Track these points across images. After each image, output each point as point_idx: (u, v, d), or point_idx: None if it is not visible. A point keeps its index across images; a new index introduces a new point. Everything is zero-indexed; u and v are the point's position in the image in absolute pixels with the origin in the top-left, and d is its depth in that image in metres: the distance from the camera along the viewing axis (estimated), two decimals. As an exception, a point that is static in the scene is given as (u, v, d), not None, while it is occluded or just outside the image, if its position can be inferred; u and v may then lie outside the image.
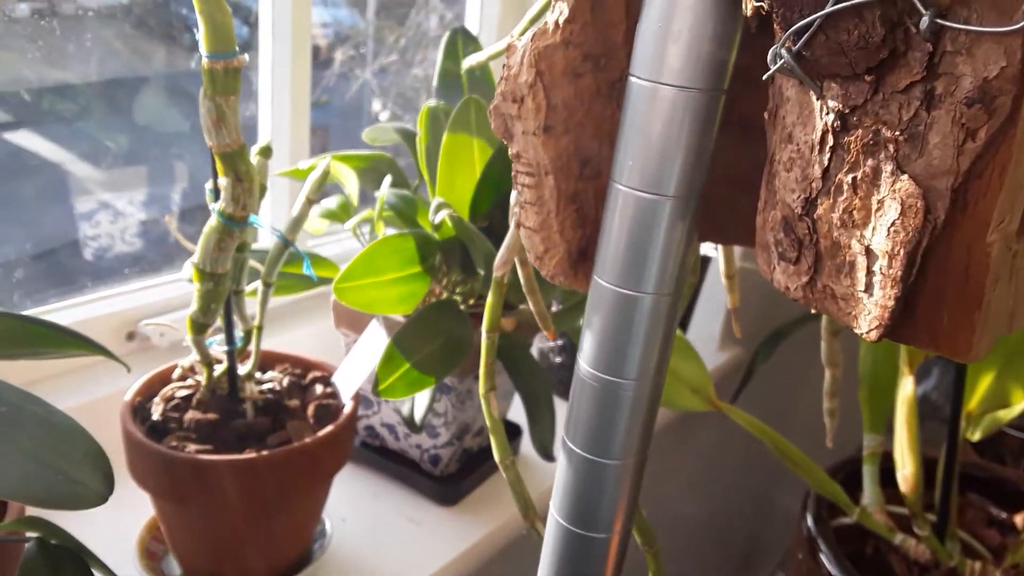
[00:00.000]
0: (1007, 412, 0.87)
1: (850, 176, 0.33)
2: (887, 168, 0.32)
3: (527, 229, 0.43)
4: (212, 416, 0.72)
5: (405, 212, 0.81)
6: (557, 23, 0.39)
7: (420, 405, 0.80)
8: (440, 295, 0.84)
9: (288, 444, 0.70)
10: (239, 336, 0.73)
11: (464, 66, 0.84)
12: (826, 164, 0.34)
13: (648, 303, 0.39)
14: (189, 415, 0.71)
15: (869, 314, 0.34)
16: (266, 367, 0.81)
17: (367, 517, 0.86)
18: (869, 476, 0.91)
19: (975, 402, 0.88)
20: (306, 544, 0.78)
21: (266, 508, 0.70)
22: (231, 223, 0.62)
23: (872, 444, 0.91)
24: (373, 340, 0.80)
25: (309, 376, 0.81)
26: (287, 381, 0.79)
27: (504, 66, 0.42)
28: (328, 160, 0.73)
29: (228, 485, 0.67)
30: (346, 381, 0.78)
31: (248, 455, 0.67)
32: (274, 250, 0.72)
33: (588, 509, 0.43)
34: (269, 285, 0.73)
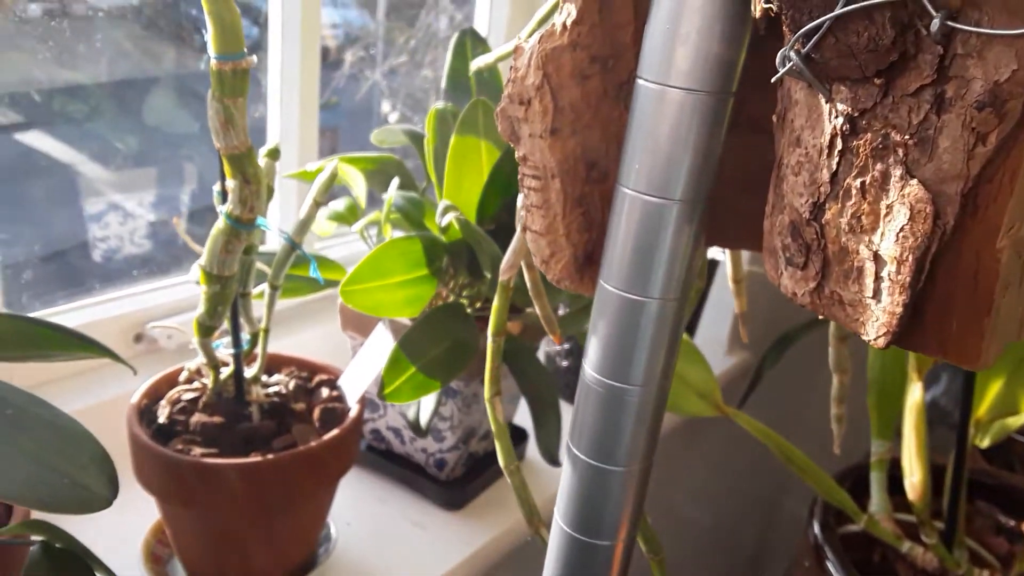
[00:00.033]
0: (1016, 419, 0.86)
1: (859, 180, 0.33)
2: (896, 172, 0.32)
3: (533, 232, 0.43)
4: (218, 419, 0.72)
5: (412, 215, 0.81)
6: (565, 25, 0.39)
7: (426, 409, 0.80)
8: (447, 298, 0.84)
9: (293, 448, 0.70)
10: (246, 339, 0.73)
11: (472, 68, 0.84)
12: (835, 168, 0.33)
13: (654, 308, 0.39)
14: (195, 418, 0.71)
15: (877, 320, 0.33)
16: (272, 370, 0.81)
17: (372, 521, 0.86)
18: (877, 483, 0.90)
19: (984, 408, 0.87)
20: (311, 548, 0.78)
21: (271, 512, 0.70)
22: (238, 225, 0.62)
23: (880, 450, 0.91)
24: (379, 343, 0.80)
25: (315, 379, 0.81)
26: (293, 384, 0.79)
27: (511, 68, 0.41)
28: (335, 162, 0.73)
29: (233, 488, 0.67)
30: (352, 384, 0.78)
31: (253, 459, 0.67)
32: (281, 252, 0.72)
33: (592, 516, 0.43)
34: (276, 287, 0.73)
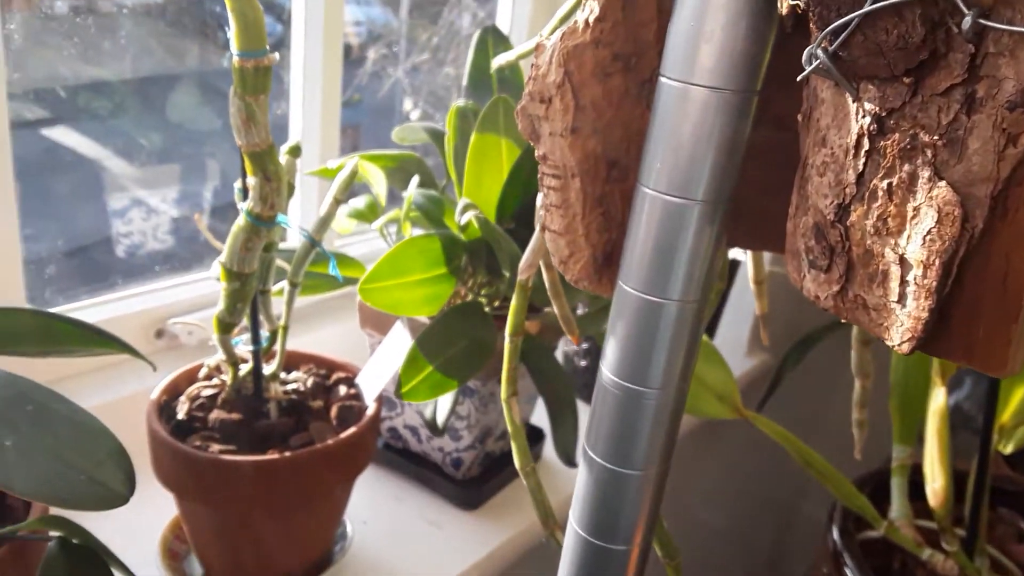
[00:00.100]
0: (1042, 425, 0.85)
1: (885, 182, 0.32)
2: (924, 174, 0.31)
3: (552, 232, 0.43)
4: (236, 416, 0.72)
5: (432, 212, 0.81)
6: (587, 22, 0.39)
7: (443, 408, 0.80)
8: (465, 297, 0.84)
9: (311, 445, 0.70)
10: (265, 336, 0.73)
11: (493, 66, 0.83)
12: (861, 169, 0.33)
13: (673, 310, 0.38)
14: (214, 415, 0.71)
15: (902, 326, 0.33)
16: (291, 367, 0.81)
17: (388, 520, 0.86)
18: (898, 489, 0.89)
19: (1008, 414, 0.86)
20: (327, 546, 0.78)
21: (288, 509, 0.70)
22: (259, 222, 0.62)
23: (901, 456, 0.90)
24: (397, 341, 0.80)
25: (333, 377, 0.81)
26: (311, 382, 0.79)
27: (532, 66, 0.41)
28: (356, 160, 0.73)
29: (251, 485, 0.67)
30: (370, 382, 0.78)
31: (271, 456, 0.67)
32: (301, 250, 0.72)
33: (608, 520, 0.42)
34: (295, 285, 0.73)
